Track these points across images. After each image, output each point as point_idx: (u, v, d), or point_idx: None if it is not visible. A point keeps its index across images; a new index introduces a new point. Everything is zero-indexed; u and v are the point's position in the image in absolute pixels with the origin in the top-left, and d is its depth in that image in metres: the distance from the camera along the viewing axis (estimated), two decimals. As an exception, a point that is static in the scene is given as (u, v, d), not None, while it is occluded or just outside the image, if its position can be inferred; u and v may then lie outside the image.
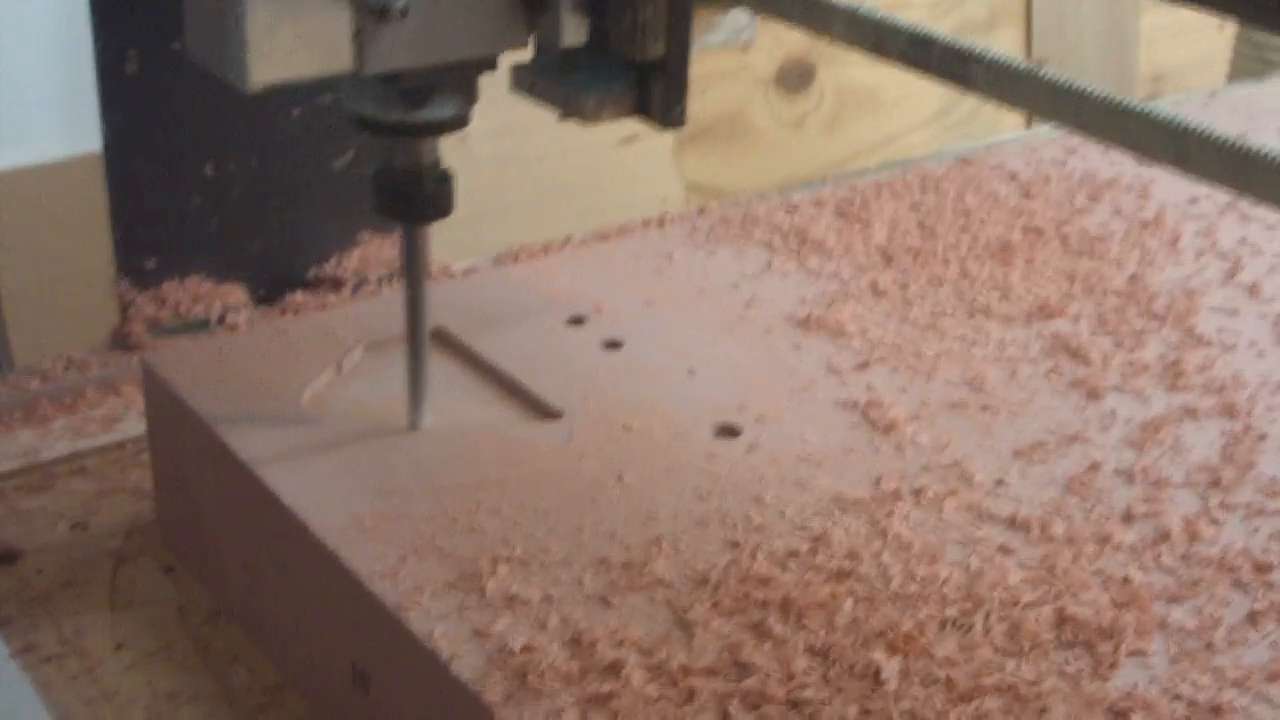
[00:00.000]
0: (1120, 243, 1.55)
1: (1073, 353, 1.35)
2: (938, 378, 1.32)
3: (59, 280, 1.63)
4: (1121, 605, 1.05)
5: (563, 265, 1.50)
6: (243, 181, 1.65)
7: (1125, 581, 1.07)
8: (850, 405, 1.27)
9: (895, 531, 1.12)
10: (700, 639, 1.02)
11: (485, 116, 1.20)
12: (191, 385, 1.27)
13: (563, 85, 1.12)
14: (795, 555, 1.10)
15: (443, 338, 1.34)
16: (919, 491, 1.16)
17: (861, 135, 2.39)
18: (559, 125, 1.20)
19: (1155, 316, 1.42)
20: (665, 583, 1.07)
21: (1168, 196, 1.65)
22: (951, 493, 1.16)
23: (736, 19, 1.09)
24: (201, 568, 1.31)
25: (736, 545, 1.10)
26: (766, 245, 1.53)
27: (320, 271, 1.71)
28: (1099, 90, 0.88)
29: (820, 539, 1.11)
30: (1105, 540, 1.12)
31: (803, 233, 1.55)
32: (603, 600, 1.05)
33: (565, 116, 1.13)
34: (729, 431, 1.24)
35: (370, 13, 1.00)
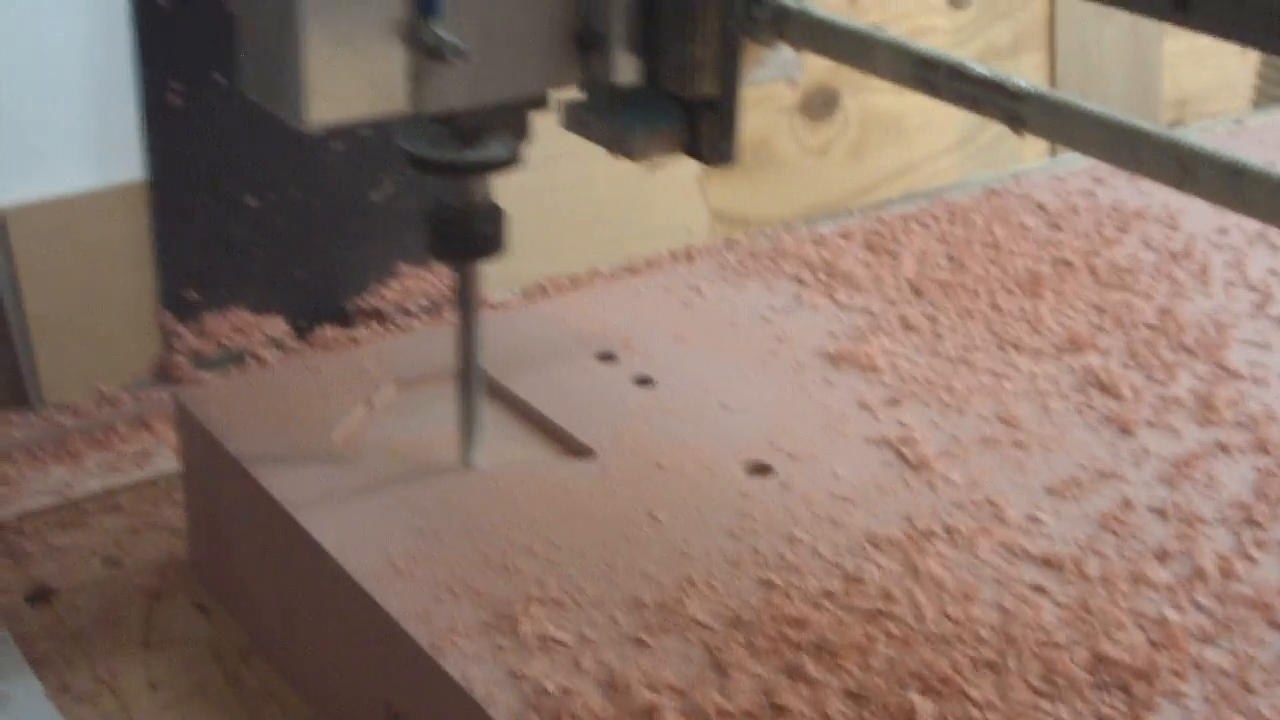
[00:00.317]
0: (1150, 274, 1.55)
1: (1104, 387, 1.35)
2: (969, 413, 1.32)
3: (96, 312, 1.64)
4: (1157, 645, 1.05)
5: (592, 300, 1.50)
6: (285, 212, 1.65)
7: (1160, 621, 1.07)
8: (882, 441, 1.27)
9: (929, 570, 1.12)
10: (735, 681, 1.02)
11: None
12: (225, 424, 1.28)
13: (613, 122, 1.12)
14: (829, 595, 1.10)
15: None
16: (952, 529, 1.16)
17: (886, 162, 2.40)
18: (582, 155, 1.20)
19: (1186, 350, 1.41)
20: (699, 623, 1.07)
21: (1197, 227, 1.64)
22: (985, 531, 1.16)
23: (784, 55, 1.09)
24: (235, 606, 1.31)
25: (770, 585, 1.10)
26: (795, 279, 1.53)
27: (360, 302, 1.72)
28: (1159, 130, 0.88)
29: (854, 578, 1.11)
30: (1139, 579, 1.12)
31: (831, 266, 1.55)
32: (637, 641, 1.05)
33: (615, 153, 1.13)
34: (761, 468, 1.24)
35: (426, 53, 1.01)
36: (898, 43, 1.01)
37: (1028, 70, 2.54)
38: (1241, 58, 2.85)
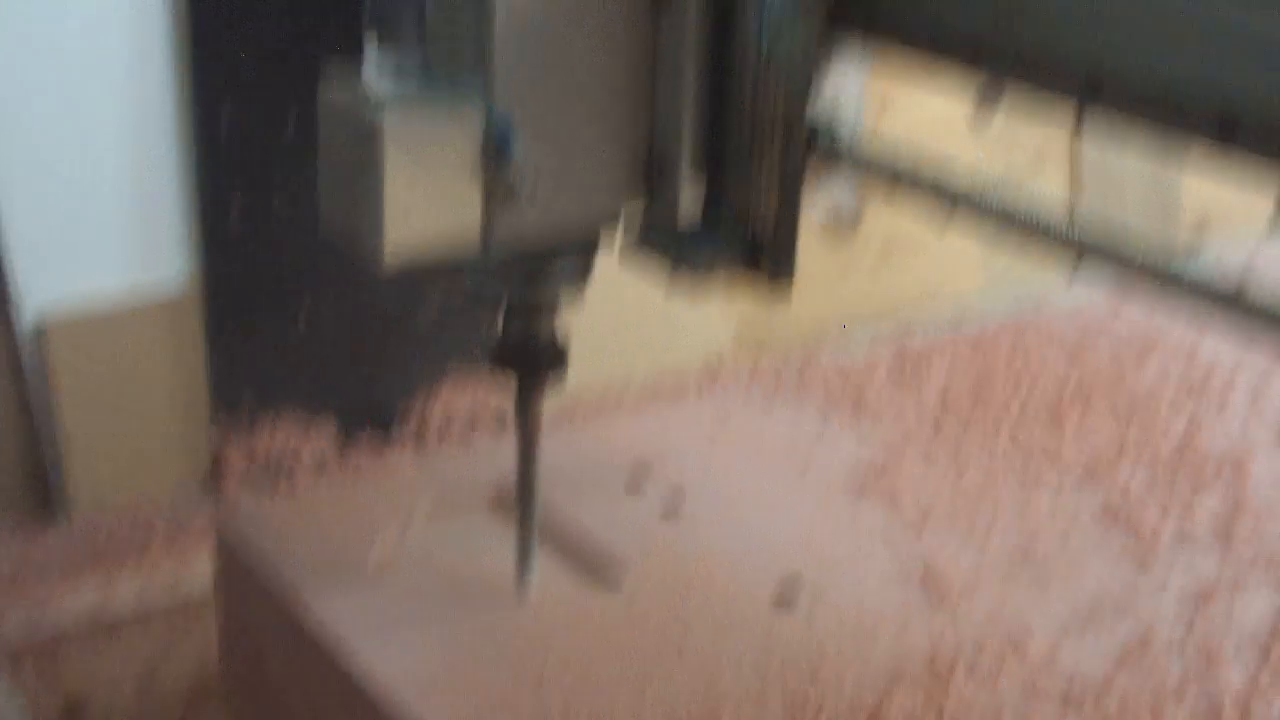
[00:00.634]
0: (1169, 404, 1.57)
1: (1124, 519, 1.37)
2: (991, 543, 1.34)
3: (132, 425, 1.67)
4: (1176, 785, 1.07)
5: (621, 424, 1.53)
6: (337, 324, 1.68)
7: (1179, 760, 1.09)
8: (906, 571, 1.29)
9: (951, 708, 1.14)
10: (761, 816, 1.04)
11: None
12: (261, 549, 1.30)
13: (676, 242, 1.15)
14: (853, 730, 1.11)
15: (505, 500, 1.37)
16: (973, 664, 1.18)
17: (907, 281, 2.42)
18: (608, 268, 1.23)
19: (1205, 481, 1.44)
20: (726, 757, 1.09)
21: (1215, 358, 1.67)
22: (1006, 665, 1.18)
23: (839, 186, 1.13)
24: (267, 727, 1.33)
25: None
26: (821, 408, 1.56)
27: (406, 414, 1.74)
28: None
29: (877, 715, 1.13)
30: (1158, 716, 1.13)
31: (857, 394, 1.57)
32: (665, 774, 1.07)
33: (677, 272, 1.16)
34: (786, 599, 1.26)
35: (500, 194, 1.04)
36: (945, 179, 1.05)
37: (1049, 187, 2.57)
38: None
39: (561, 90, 1.06)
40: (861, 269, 2.32)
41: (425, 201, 1.02)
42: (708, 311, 2.11)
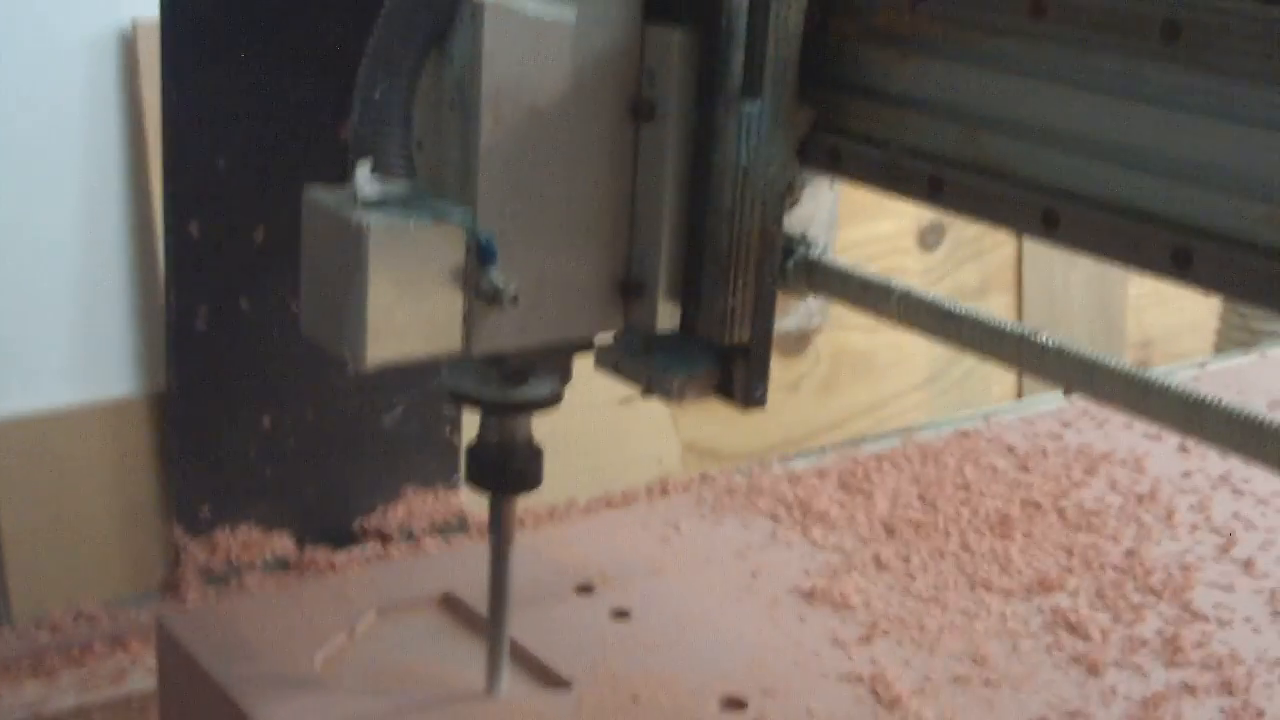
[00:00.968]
0: (1116, 517, 1.58)
1: (1072, 628, 1.38)
2: (940, 651, 1.34)
3: (74, 528, 1.66)
4: None
5: (570, 533, 1.53)
6: (297, 434, 1.68)
7: None
8: (855, 678, 1.29)
9: (902, 812, 1.13)
10: None
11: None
12: (206, 647, 1.29)
13: (648, 365, 1.16)
14: (803, 835, 1.11)
15: (453, 604, 1.36)
16: (925, 771, 1.18)
17: (856, 398, 2.44)
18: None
19: (1152, 591, 1.44)
20: None
21: (1161, 470, 1.69)
22: (957, 771, 1.18)
23: (809, 305, 1.15)
24: (208, 832, 1.31)
25: (745, 823, 1.12)
26: (771, 516, 1.56)
27: (366, 523, 1.74)
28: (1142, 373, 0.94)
29: (828, 818, 1.12)
30: (1109, 822, 1.13)
31: (806, 504, 1.58)
32: None
33: (649, 394, 1.17)
34: (735, 704, 1.25)
35: (482, 298, 1.05)
36: (913, 294, 1.07)
37: (996, 310, 2.61)
38: (1204, 302, 2.93)
39: (542, 211, 1.08)
40: (810, 388, 2.34)
41: (408, 305, 1.04)
42: (656, 429, 2.12)
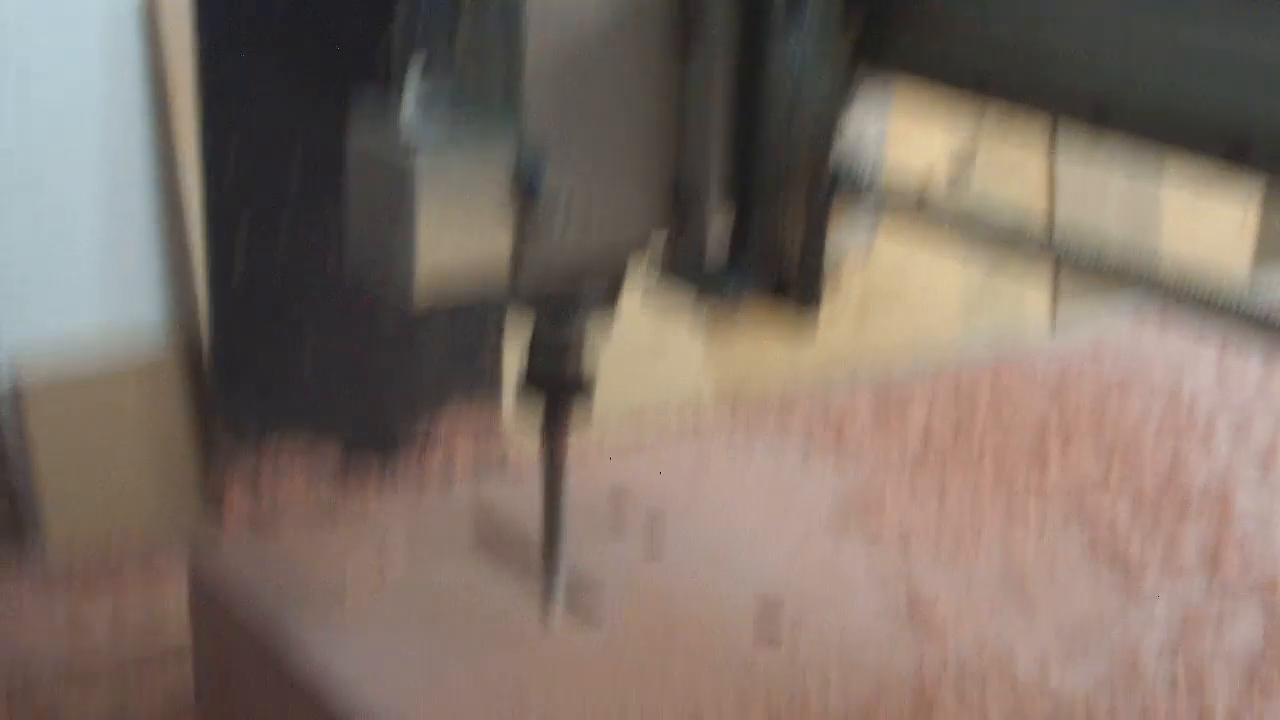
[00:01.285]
0: (1152, 440, 1.57)
1: (1109, 550, 1.37)
2: (977, 572, 1.33)
3: (120, 475, 1.66)
4: (1167, 807, 1.06)
5: (602, 461, 1.52)
6: (339, 355, 1.68)
7: (1170, 782, 1.08)
8: (891, 600, 1.28)
9: (938, 734, 1.13)
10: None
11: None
12: (238, 586, 1.29)
13: (703, 273, 1.15)
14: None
15: (487, 538, 1.36)
16: (961, 691, 1.17)
17: (888, 327, 2.42)
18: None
19: (1189, 513, 1.43)
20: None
21: (1196, 395, 1.67)
22: (993, 691, 1.17)
23: (861, 223, 1.13)
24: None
25: (780, 747, 1.11)
26: (804, 438, 1.55)
27: (410, 436, 1.73)
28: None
29: (863, 744, 1.12)
30: (1147, 741, 1.12)
31: (839, 431, 1.57)
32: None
33: (702, 301, 1.16)
34: (770, 631, 1.25)
35: (528, 231, 1.04)
36: (965, 211, 1.06)
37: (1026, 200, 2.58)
38: (1236, 247, 2.87)
39: (590, 125, 1.06)
40: (841, 318, 2.32)
41: (456, 240, 1.03)
42: (688, 354, 2.11)
